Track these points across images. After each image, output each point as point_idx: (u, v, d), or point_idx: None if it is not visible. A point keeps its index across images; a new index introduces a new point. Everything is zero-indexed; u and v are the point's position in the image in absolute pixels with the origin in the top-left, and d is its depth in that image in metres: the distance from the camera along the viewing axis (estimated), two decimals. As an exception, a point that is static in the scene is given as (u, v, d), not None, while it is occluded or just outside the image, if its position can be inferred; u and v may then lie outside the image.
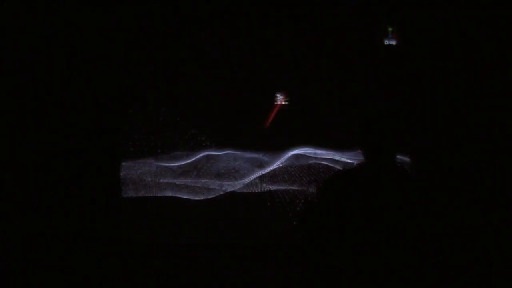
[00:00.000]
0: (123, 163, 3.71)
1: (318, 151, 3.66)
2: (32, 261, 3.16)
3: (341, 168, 3.55)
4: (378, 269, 1.47)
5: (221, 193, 3.73)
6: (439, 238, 1.52)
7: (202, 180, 3.75)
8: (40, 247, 3.23)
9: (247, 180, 3.73)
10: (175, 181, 3.76)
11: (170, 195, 3.74)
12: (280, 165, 3.70)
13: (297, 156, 3.69)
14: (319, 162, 3.66)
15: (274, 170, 3.71)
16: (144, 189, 3.75)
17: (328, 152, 3.65)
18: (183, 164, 3.77)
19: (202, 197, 3.73)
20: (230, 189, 3.72)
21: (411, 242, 1.49)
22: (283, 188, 3.68)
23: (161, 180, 3.75)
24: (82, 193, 3.42)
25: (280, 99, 3.47)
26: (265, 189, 3.70)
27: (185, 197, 3.73)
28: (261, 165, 3.73)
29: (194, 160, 3.77)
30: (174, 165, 3.77)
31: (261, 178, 3.71)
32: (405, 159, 3.40)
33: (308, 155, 3.68)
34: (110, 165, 3.60)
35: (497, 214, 3.02)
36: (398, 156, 1.63)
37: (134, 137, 3.74)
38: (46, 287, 3.14)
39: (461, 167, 3.16)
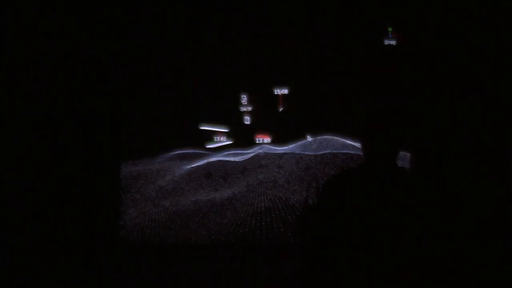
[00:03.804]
0: (123, 163, 3.71)
1: (318, 151, 3.66)
2: (32, 261, 3.16)
3: (341, 169, 3.55)
4: (378, 269, 1.48)
5: (222, 193, 3.73)
6: (439, 238, 1.52)
7: (203, 180, 3.75)
8: (40, 247, 3.23)
9: (246, 179, 3.72)
10: (175, 180, 3.76)
11: (169, 195, 3.74)
12: (280, 164, 3.70)
13: (297, 155, 3.69)
14: (319, 162, 3.66)
15: (273, 170, 3.71)
16: (145, 189, 3.75)
17: (328, 151, 3.65)
18: (184, 164, 3.77)
19: (202, 198, 3.73)
20: (230, 189, 3.72)
21: (411, 242, 1.49)
22: (282, 187, 3.68)
23: (162, 180, 3.75)
24: (82, 193, 3.42)
25: None
26: (265, 189, 3.70)
27: (184, 197, 3.74)
28: (261, 164, 3.73)
29: (194, 160, 3.77)
30: (174, 165, 3.77)
31: (261, 177, 3.71)
32: (405, 159, 3.40)
33: (308, 155, 3.68)
34: (110, 165, 3.60)
35: (497, 213, 3.02)
36: (398, 156, 1.63)
37: (134, 136, 3.74)
38: (46, 287, 3.15)
39: (461, 167, 3.16)
